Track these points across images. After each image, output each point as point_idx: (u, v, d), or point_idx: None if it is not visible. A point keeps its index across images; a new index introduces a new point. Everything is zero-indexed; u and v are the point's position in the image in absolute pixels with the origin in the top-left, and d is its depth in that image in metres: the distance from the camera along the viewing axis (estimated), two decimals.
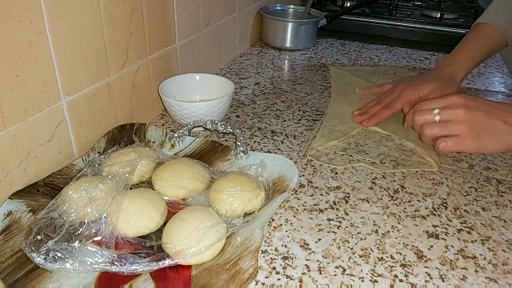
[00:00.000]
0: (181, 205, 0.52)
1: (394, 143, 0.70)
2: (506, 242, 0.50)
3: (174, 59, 0.78)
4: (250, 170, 0.57)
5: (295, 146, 0.68)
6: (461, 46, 0.82)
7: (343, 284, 0.44)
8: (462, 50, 0.81)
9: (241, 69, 0.99)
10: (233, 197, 0.50)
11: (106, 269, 0.42)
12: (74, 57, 0.54)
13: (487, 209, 0.56)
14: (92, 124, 0.61)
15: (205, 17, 0.86)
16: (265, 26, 1.14)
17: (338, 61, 1.06)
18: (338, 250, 0.48)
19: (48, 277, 0.42)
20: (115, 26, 0.60)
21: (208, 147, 0.64)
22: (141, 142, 0.64)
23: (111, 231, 0.45)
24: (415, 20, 1.19)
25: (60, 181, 0.53)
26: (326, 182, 0.59)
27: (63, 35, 0.52)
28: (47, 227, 0.44)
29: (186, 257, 0.43)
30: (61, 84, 0.53)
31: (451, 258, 0.47)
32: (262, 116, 0.77)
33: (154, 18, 0.69)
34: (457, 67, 0.78)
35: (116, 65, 0.63)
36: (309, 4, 1.14)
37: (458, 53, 0.81)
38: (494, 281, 0.45)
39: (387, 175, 0.62)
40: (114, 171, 0.51)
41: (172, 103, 0.68)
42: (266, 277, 0.44)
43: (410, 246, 0.49)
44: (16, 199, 0.49)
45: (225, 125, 0.63)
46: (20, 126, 0.49)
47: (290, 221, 0.52)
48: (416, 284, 0.44)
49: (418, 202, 0.56)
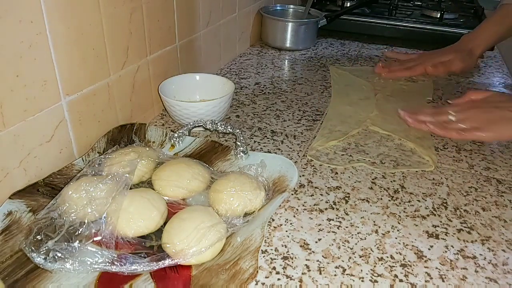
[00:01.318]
0: (181, 205, 0.52)
1: (394, 143, 0.70)
2: (506, 242, 0.50)
3: (174, 59, 0.78)
4: (250, 170, 0.57)
5: (295, 146, 0.68)
6: (484, 24, 0.89)
7: (343, 284, 0.44)
8: (483, 27, 0.89)
9: (241, 69, 0.99)
10: (233, 197, 0.50)
11: (106, 269, 0.42)
12: (74, 57, 0.54)
13: (487, 209, 0.56)
14: (92, 124, 0.61)
15: (205, 17, 0.86)
16: (265, 26, 1.14)
17: (338, 61, 1.06)
18: (338, 250, 0.48)
19: (48, 277, 0.42)
20: (115, 26, 0.60)
21: (208, 147, 0.64)
22: (141, 142, 0.64)
23: (111, 231, 0.45)
24: (415, 20, 1.18)
25: (60, 181, 0.53)
26: (326, 182, 0.59)
27: (63, 35, 0.52)
28: (47, 227, 0.44)
29: (186, 257, 0.43)
30: (61, 84, 0.53)
31: (451, 258, 0.47)
32: (262, 116, 0.77)
33: (154, 18, 0.69)
34: (477, 42, 0.86)
35: (116, 65, 0.63)
36: (309, 4, 1.14)
37: (479, 30, 0.89)
38: (494, 281, 0.45)
39: (387, 175, 0.62)
40: (114, 171, 0.51)
41: (172, 103, 0.68)
42: (266, 277, 0.44)
43: (410, 246, 0.49)
44: (16, 199, 0.49)
45: (225, 125, 0.63)
46: (20, 126, 0.49)
47: (290, 221, 0.52)
48: (416, 284, 0.44)
49: (418, 202, 0.56)
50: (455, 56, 0.84)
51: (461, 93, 0.90)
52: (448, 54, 0.86)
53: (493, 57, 1.15)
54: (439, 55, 0.87)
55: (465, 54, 0.86)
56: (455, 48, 0.88)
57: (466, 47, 0.88)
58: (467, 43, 0.88)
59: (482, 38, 0.88)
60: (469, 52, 0.86)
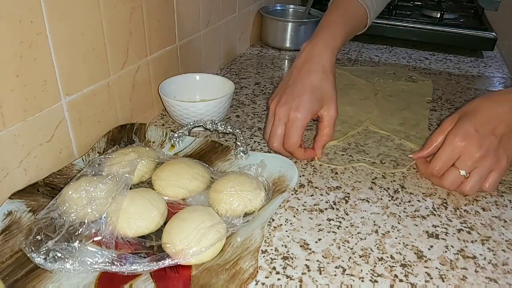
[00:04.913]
0: (181, 205, 0.52)
1: (394, 143, 0.70)
2: (506, 242, 0.50)
3: (174, 59, 0.78)
4: (250, 170, 0.57)
5: None
6: (327, 24, 0.66)
7: (343, 284, 0.44)
8: (328, 29, 0.65)
9: (241, 69, 0.99)
10: (233, 197, 0.50)
11: (106, 269, 0.42)
12: (74, 57, 0.54)
13: (487, 209, 0.56)
14: (92, 124, 0.60)
15: (205, 17, 0.86)
16: (265, 26, 1.14)
17: (338, 61, 1.06)
18: (338, 250, 0.48)
19: (48, 277, 0.42)
20: (115, 26, 0.60)
21: (208, 147, 0.64)
22: (141, 142, 0.64)
23: (111, 231, 0.45)
24: (415, 20, 1.18)
25: (60, 181, 0.53)
26: (326, 182, 0.59)
27: (63, 35, 0.52)
28: (47, 227, 0.44)
29: (186, 257, 0.43)
30: (61, 84, 0.53)
31: (451, 258, 0.47)
32: (262, 116, 0.77)
33: (154, 18, 0.69)
34: (328, 55, 0.62)
35: (116, 65, 0.63)
36: (309, 4, 1.14)
37: (324, 35, 0.65)
38: (494, 281, 0.45)
39: (387, 175, 0.62)
40: (114, 171, 0.51)
41: (172, 103, 0.68)
42: (266, 277, 0.44)
43: (410, 246, 0.49)
44: (16, 199, 0.49)
45: (225, 125, 0.63)
46: (20, 126, 0.49)
47: (290, 221, 0.52)
48: (416, 284, 0.44)
49: (418, 202, 0.56)
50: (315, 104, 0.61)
51: (461, 93, 0.91)
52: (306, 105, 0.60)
53: (493, 57, 1.15)
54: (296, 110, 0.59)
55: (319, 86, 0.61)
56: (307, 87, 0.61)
57: (318, 70, 0.62)
58: (315, 64, 0.62)
59: (330, 47, 0.64)
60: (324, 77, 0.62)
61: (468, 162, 0.55)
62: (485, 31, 1.11)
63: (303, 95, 0.60)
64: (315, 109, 0.60)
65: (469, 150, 0.54)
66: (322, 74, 0.62)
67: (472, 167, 0.55)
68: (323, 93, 0.61)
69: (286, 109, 0.60)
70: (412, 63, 1.08)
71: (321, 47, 0.63)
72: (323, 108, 0.61)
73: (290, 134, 0.60)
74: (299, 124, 0.59)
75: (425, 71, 1.02)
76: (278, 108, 0.60)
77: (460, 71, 1.04)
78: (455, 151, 0.55)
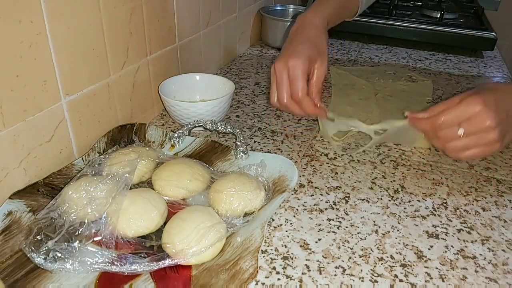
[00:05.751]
0: (181, 205, 0.52)
1: (394, 143, 0.70)
2: (506, 242, 0.50)
3: (174, 59, 0.78)
4: (250, 170, 0.57)
5: (295, 146, 0.68)
6: (319, 1, 0.71)
7: (343, 284, 0.44)
8: (320, 2, 0.71)
9: (241, 69, 0.99)
10: (233, 197, 0.50)
11: (106, 269, 0.42)
12: (74, 57, 0.54)
13: (487, 209, 0.56)
14: (92, 124, 0.60)
15: (205, 17, 0.86)
16: (265, 26, 1.14)
17: (338, 61, 1.06)
18: (338, 250, 0.48)
19: (48, 277, 0.42)
20: (115, 26, 0.60)
21: (208, 147, 0.64)
22: (141, 142, 0.64)
23: (111, 231, 0.45)
24: (415, 20, 1.18)
25: (60, 181, 0.53)
26: (326, 182, 0.59)
27: (63, 35, 0.52)
28: (47, 227, 0.44)
29: (186, 257, 0.43)
30: (61, 84, 0.53)
31: (451, 258, 0.47)
32: (262, 116, 0.77)
33: (154, 18, 0.69)
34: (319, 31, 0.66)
35: (116, 65, 0.63)
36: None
37: (315, 6, 0.70)
38: (494, 281, 0.45)
39: (387, 175, 0.62)
40: (114, 171, 0.51)
41: (172, 103, 0.68)
42: (266, 277, 0.44)
43: (410, 246, 0.49)
44: (16, 199, 0.49)
45: (225, 125, 0.63)
46: (20, 126, 0.49)
47: (290, 221, 0.52)
48: (416, 284, 0.44)
49: (418, 202, 0.56)
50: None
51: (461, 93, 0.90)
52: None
53: (493, 57, 1.15)
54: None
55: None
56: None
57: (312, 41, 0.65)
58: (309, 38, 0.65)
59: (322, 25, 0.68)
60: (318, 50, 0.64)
61: (474, 125, 0.52)
62: (485, 31, 1.11)
63: (299, 44, 0.61)
64: (312, 56, 0.61)
65: (482, 116, 0.52)
66: (316, 31, 0.65)
67: (474, 133, 0.53)
68: (318, 47, 0.63)
69: (284, 60, 0.60)
70: (412, 63, 1.08)
71: (312, 14, 0.67)
72: (316, 63, 0.62)
73: (293, 80, 0.59)
74: (299, 68, 0.59)
75: (425, 71, 1.02)
76: (277, 63, 0.60)
77: (460, 71, 1.04)
78: (469, 111, 0.53)
